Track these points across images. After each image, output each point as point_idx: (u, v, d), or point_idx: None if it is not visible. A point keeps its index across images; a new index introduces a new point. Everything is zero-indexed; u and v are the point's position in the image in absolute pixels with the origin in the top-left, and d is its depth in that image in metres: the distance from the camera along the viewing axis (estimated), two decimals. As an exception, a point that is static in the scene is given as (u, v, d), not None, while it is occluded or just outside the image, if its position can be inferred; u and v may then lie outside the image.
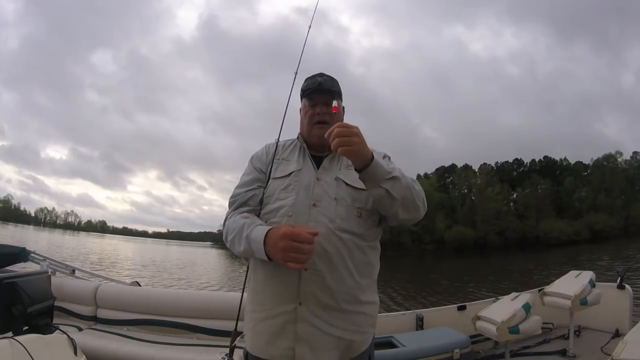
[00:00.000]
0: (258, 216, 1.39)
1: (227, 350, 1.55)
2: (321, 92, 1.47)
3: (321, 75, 1.51)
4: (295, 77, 1.60)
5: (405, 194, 1.27)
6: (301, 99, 1.53)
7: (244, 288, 1.51)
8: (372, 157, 1.22)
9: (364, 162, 1.21)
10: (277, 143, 1.52)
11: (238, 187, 1.47)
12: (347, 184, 1.37)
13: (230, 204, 1.45)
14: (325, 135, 1.20)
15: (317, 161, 1.45)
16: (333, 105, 1.39)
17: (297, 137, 1.54)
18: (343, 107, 1.56)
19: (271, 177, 1.44)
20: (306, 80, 1.53)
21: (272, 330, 1.29)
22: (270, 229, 1.23)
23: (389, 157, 1.51)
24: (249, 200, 1.42)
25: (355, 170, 1.23)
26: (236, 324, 1.55)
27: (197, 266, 28.41)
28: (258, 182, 1.45)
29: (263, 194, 1.42)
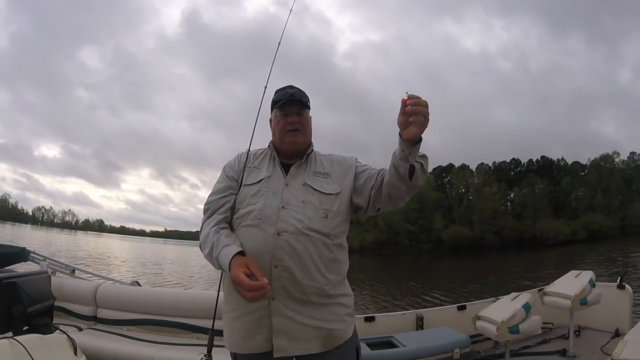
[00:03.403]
0: (230, 220, 1.48)
1: (215, 349, 1.60)
2: (293, 104, 1.54)
3: (291, 87, 1.58)
4: (264, 91, 1.66)
5: None
6: (272, 110, 1.60)
7: (219, 288, 1.56)
8: (421, 138, 1.29)
9: (418, 138, 1.27)
10: (248, 152, 1.61)
11: (211, 194, 1.56)
12: (314, 189, 1.47)
13: (205, 211, 1.54)
14: (410, 96, 1.24)
15: (287, 168, 1.54)
16: None
17: (268, 146, 1.63)
18: (310, 117, 1.62)
19: (242, 184, 1.52)
20: (276, 92, 1.60)
21: (248, 326, 1.37)
22: (232, 260, 1.30)
23: (356, 158, 1.62)
24: (222, 207, 1.50)
25: (407, 141, 1.27)
26: (212, 323, 1.60)
27: (180, 264, 28.97)
28: (230, 189, 1.53)
29: (235, 200, 1.50)
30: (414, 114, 1.22)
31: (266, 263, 1.35)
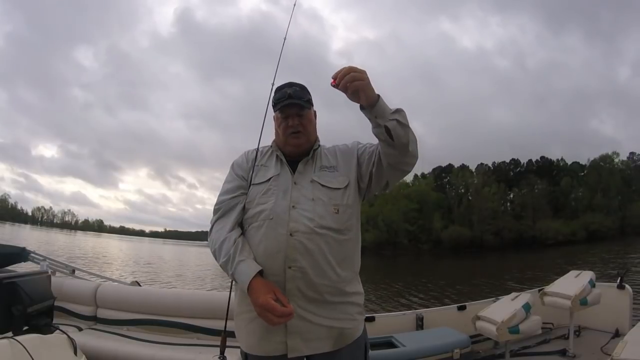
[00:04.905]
0: (241, 222, 1.46)
1: (216, 349, 1.58)
2: (292, 105, 1.51)
3: (290, 85, 1.55)
4: (272, 89, 1.62)
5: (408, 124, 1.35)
6: (274, 110, 1.58)
7: (231, 288, 1.54)
8: (379, 95, 1.30)
9: (374, 99, 1.29)
10: (257, 150, 1.59)
11: (222, 194, 1.53)
12: (322, 185, 1.46)
13: (215, 212, 1.51)
14: (334, 76, 1.27)
15: (293, 166, 1.52)
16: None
17: (272, 145, 1.61)
18: (315, 112, 1.61)
19: (251, 183, 1.51)
20: (276, 91, 1.57)
21: (263, 328, 1.35)
22: (252, 280, 1.31)
23: (358, 142, 1.60)
24: (234, 207, 1.48)
25: (366, 107, 1.31)
26: (225, 324, 1.58)
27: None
28: (241, 189, 1.51)
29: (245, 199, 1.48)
30: (348, 87, 1.25)
31: (280, 264, 1.35)
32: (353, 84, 1.25)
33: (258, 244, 1.39)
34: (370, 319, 3.63)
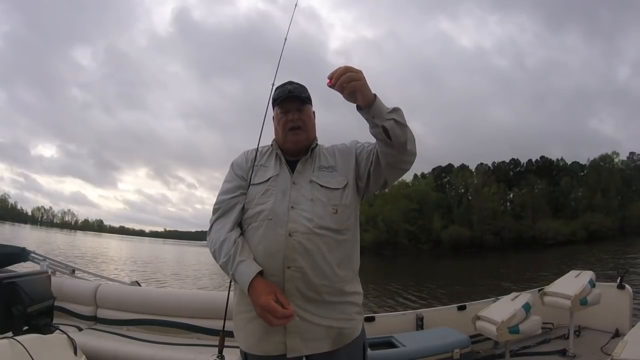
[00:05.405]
0: (240, 222, 1.47)
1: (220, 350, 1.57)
2: (292, 100, 1.53)
3: (290, 83, 1.57)
4: (272, 89, 1.63)
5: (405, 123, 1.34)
6: (273, 108, 1.59)
7: (229, 287, 1.55)
8: (375, 95, 1.30)
9: (370, 99, 1.29)
10: (257, 150, 1.58)
11: (221, 194, 1.53)
12: (321, 186, 1.46)
13: (215, 211, 1.51)
14: (329, 76, 1.27)
15: (292, 165, 1.53)
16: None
17: (272, 144, 1.62)
18: (313, 112, 1.62)
19: (251, 183, 1.51)
20: (276, 89, 1.59)
21: (263, 327, 1.35)
22: (253, 280, 1.31)
23: (357, 141, 1.60)
24: (233, 207, 1.48)
25: (363, 107, 1.30)
26: (223, 324, 1.57)
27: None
28: (241, 189, 1.52)
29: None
30: (345, 87, 1.25)
31: (279, 264, 1.35)
32: (349, 84, 1.24)
33: (257, 244, 1.39)
34: (370, 319, 3.63)
